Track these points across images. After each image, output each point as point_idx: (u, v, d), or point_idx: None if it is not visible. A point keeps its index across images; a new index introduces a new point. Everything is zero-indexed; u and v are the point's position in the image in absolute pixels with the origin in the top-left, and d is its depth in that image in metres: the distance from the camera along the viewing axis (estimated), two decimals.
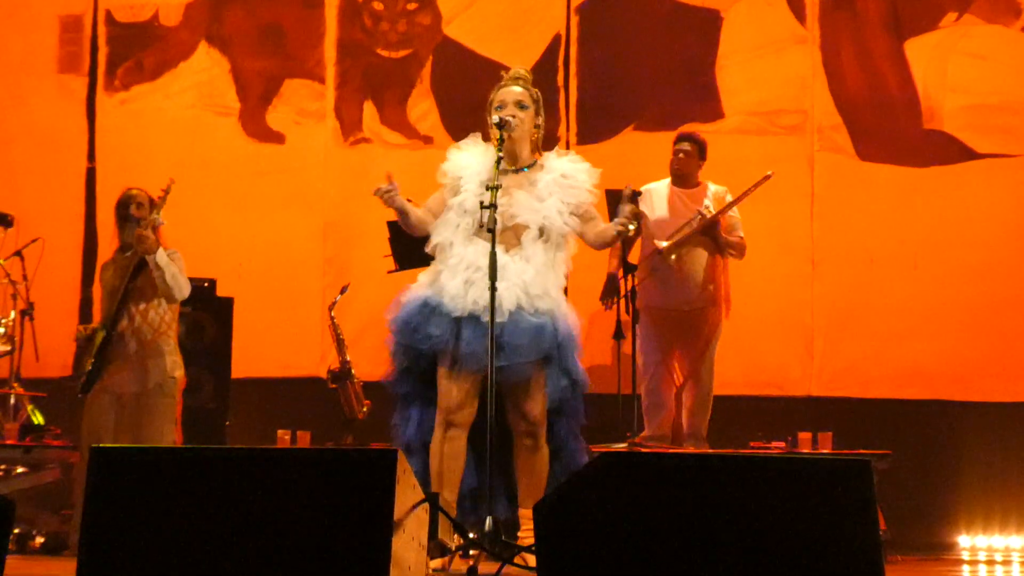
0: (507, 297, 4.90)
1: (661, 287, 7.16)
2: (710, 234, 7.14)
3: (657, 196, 7.30)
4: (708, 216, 7.10)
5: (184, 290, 6.31)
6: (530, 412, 4.97)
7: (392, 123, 8.80)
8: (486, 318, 4.77)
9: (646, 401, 7.22)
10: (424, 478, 4.95)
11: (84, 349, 6.35)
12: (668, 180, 7.33)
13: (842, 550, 3.39)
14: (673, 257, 7.05)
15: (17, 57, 9.05)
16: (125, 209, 6.42)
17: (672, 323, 7.21)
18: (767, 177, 7.20)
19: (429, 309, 4.96)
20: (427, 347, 4.97)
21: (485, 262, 4.80)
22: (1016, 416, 7.98)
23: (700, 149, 7.32)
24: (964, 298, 8.13)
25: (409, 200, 6.98)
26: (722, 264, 7.25)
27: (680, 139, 7.38)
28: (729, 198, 7.22)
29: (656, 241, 7.10)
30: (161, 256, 6.18)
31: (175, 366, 6.33)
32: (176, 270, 6.26)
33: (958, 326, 8.11)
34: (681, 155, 7.28)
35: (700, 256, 7.18)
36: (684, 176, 7.30)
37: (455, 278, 4.96)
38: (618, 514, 3.44)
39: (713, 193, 7.25)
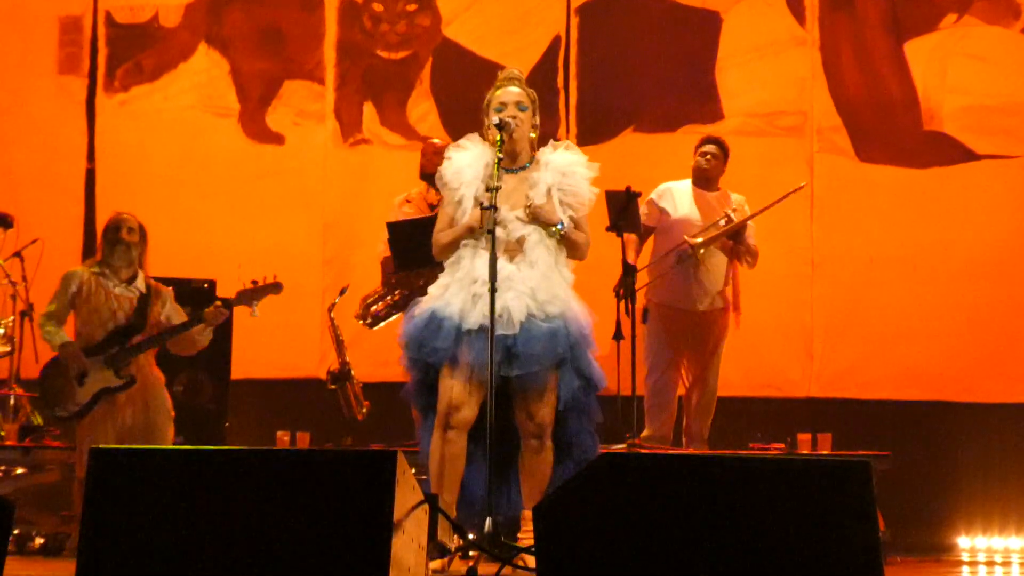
0: (516, 308, 4.89)
1: (677, 286, 7.16)
2: (738, 238, 7.16)
3: (680, 195, 7.30)
4: (738, 219, 7.12)
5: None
6: (539, 415, 4.95)
7: (392, 124, 8.80)
8: (497, 330, 4.76)
9: (650, 401, 7.21)
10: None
11: (68, 377, 6.33)
12: (688, 181, 7.33)
13: (842, 551, 3.39)
14: (702, 252, 7.06)
15: (16, 58, 9.04)
16: (115, 233, 6.44)
17: (683, 323, 7.21)
18: (800, 188, 7.28)
19: (436, 323, 4.95)
20: (434, 360, 4.96)
21: (487, 275, 4.79)
22: (1016, 417, 7.99)
23: (725, 154, 7.33)
24: (964, 299, 8.13)
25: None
26: (736, 270, 7.27)
27: (707, 142, 7.37)
28: (747, 208, 7.24)
29: (686, 237, 7.08)
30: (205, 330, 6.48)
31: (168, 396, 6.52)
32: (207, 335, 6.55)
33: (958, 327, 8.11)
34: (709, 157, 7.29)
35: (720, 260, 7.20)
36: (711, 179, 7.31)
37: (462, 292, 4.96)
38: (617, 515, 3.44)
39: (735, 201, 7.28)
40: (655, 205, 7.29)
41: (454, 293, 4.97)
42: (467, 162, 5.08)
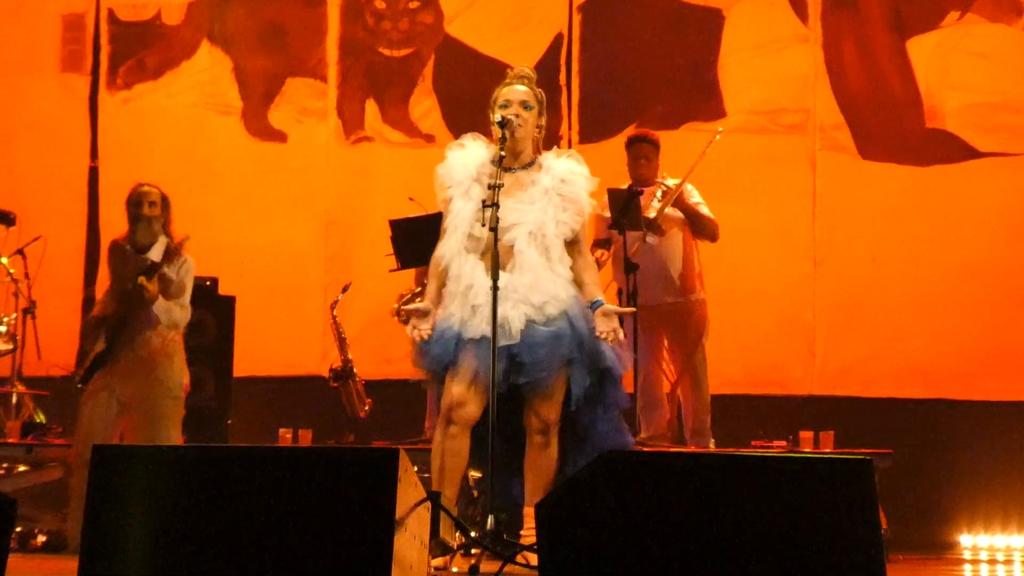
0: (515, 317, 4.88)
1: (644, 282, 7.13)
2: (681, 204, 7.07)
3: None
4: (673, 187, 7.06)
5: (182, 323, 6.35)
6: (542, 411, 4.95)
7: (394, 122, 8.80)
8: (499, 342, 4.76)
9: (641, 402, 7.18)
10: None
11: (89, 337, 6.35)
12: (628, 185, 7.23)
13: (843, 549, 3.39)
14: (659, 219, 7.00)
15: (20, 56, 9.05)
16: (137, 208, 6.37)
17: (659, 318, 7.19)
18: (718, 133, 7.19)
19: (438, 334, 4.96)
20: (438, 367, 4.97)
21: (482, 281, 4.82)
22: (1018, 415, 7.98)
23: (658, 148, 7.29)
24: (966, 297, 8.13)
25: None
26: (697, 250, 7.23)
27: (639, 141, 7.29)
28: (690, 187, 7.19)
29: (646, 214, 7.02)
30: (159, 307, 6.21)
31: (183, 371, 6.35)
32: (175, 314, 6.28)
33: (960, 325, 8.10)
34: (643, 161, 7.22)
35: (675, 245, 7.17)
36: (649, 179, 7.24)
37: (457, 302, 4.96)
38: (620, 513, 3.44)
39: (672, 183, 7.24)
40: (603, 218, 7.10)
41: (456, 305, 4.97)
42: (461, 161, 5.08)
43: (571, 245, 5.07)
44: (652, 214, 7.02)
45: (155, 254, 6.32)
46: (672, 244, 7.18)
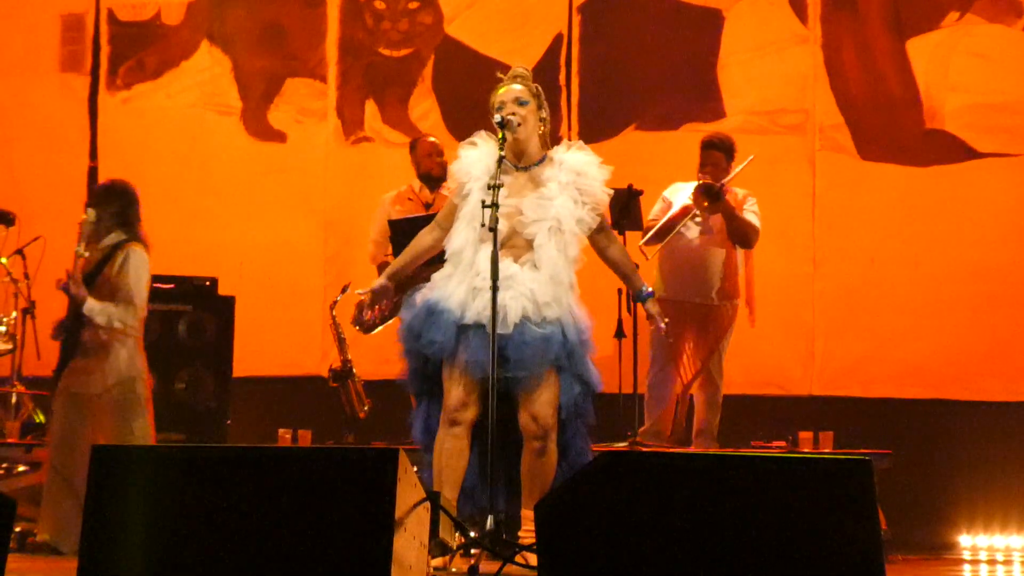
0: (512, 308, 4.87)
1: (674, 278, 7.14)
2: (724, 204, 7.06)
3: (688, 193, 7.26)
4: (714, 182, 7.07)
5: (127, 321, 6.13)
6: (540, 415, 4.93)
7: (393, 122, 8.81)
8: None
9: (649, 394, 7.22)
10: (430, 474, 4.97)
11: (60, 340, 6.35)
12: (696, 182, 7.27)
13: (843, 549, 3.39)
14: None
15: (19, 56, 9.05)
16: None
17: (685, 317, 7.18)
18: (749, 160, 7.18)
19: (433, 314, 4.95)
20: (430, 352, 4.97)
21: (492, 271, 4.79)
22: (1017, 415, 7.99)
23: (729, 155, 7.23)
24: (965, 297, 8.13)
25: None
26: (740, 259, 7.22)
27: (711, 148, 7.21)
28: (752, 200, 7.20)
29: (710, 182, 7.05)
30: (88, 307, 6.06)
31: (131, 364, 6.16)
32: (110, 313, 6.08)
33: (959, 325, 8.11)
34: (710, 168, 7.15)
35: (718, 251, 7.17)
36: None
37: (462, 284, 4.95)
38: (618, 513, 3.44)
39: (740, 193, 7.25)
40: (667, 200, 7.25)
41: (456, 284, 4.97)
42: (476, 157, 5.08)
43: (599, 233, 5.14)
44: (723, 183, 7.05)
45: (98, 251, 6.25)
46: (716, 248, 7.18)
